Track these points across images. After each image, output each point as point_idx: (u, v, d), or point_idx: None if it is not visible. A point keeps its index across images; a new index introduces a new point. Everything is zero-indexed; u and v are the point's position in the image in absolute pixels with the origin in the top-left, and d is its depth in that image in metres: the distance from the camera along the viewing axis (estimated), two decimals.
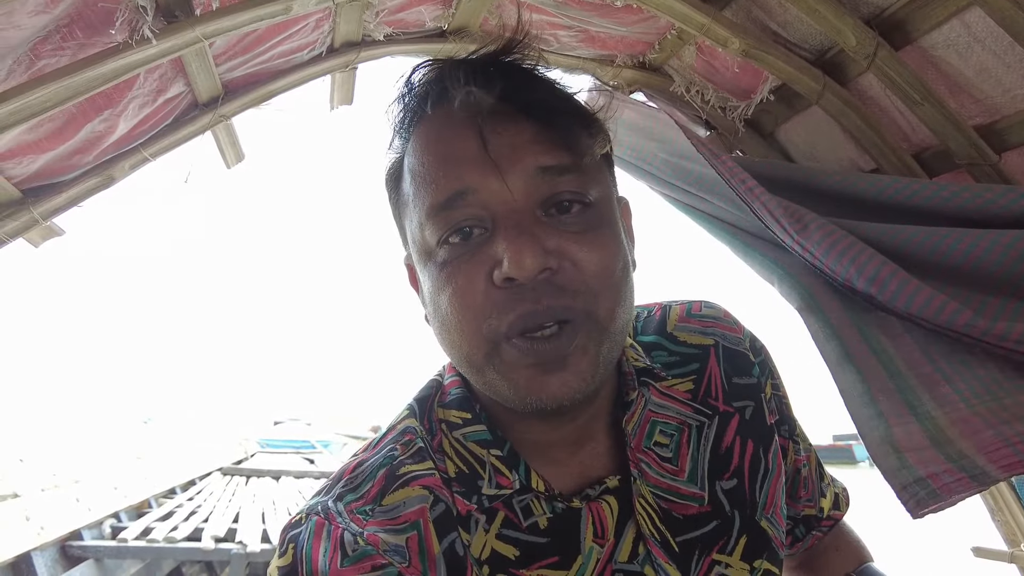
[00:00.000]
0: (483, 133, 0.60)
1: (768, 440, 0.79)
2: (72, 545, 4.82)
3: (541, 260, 0.56)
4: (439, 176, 0.61)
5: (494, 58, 0.64)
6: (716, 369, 0.80)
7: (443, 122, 0.63)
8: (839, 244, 1.11)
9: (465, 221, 0.60)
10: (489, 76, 0.62)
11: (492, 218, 0.59)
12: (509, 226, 0.58)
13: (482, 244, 0.59)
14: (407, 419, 0.74)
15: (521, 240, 0.56)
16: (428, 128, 0.64)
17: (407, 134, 0.67)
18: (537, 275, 0.56)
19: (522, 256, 0.55)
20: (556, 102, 0.64)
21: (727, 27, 1.25)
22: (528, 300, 0.57)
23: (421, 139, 0.65)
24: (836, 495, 0.96)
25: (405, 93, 0.67)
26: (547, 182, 0.60)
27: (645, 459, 0.71)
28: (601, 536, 0.67)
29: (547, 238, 0.58)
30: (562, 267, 0.58)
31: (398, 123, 0.68)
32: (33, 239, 1.19)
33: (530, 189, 0.59)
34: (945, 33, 1.12)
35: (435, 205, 0.60)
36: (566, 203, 0.60)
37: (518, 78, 0.63)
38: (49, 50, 0.94)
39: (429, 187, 0.61)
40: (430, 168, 0.62)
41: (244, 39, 1.14)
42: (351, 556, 0.60)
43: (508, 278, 0.56)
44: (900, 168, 1.32)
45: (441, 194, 0.60)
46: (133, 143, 1.18)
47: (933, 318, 1.03)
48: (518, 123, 0.60)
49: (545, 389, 0.58)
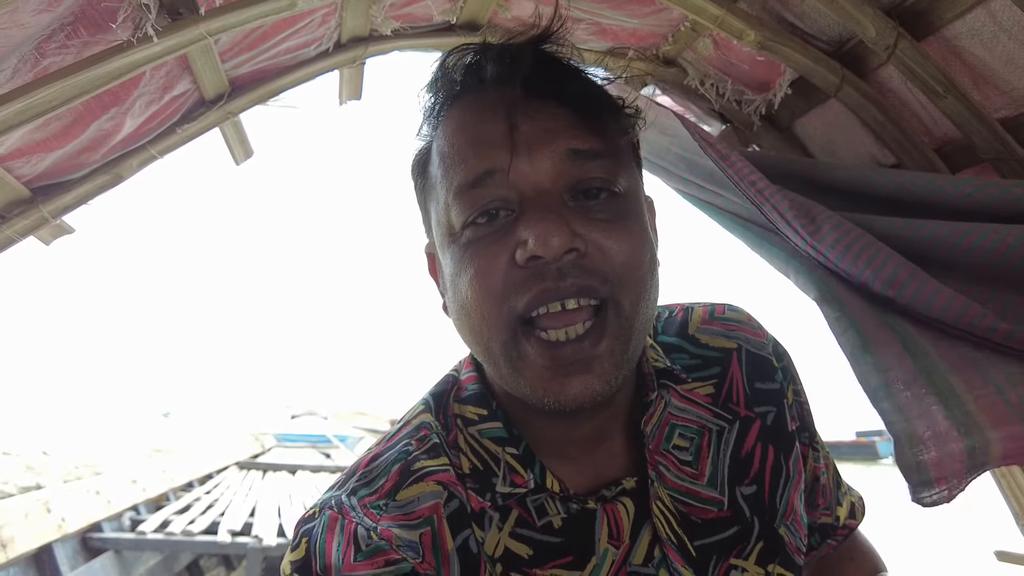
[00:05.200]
0: (515, 116, 0.60)
1: (789, 447, 0.77)
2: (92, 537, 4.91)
3: (568, 239, 0.55)
4: (469, 156, 0.61)
5: (529, 45, 0.64)
6: (738, 373, 0.78)
7: (475, 105, 0.63)
8: (855, 245, 1.07)
9: (492, 202, 0.59)
10: (523, 62, 0.62)
11: (519, 199, 0.59)
12: (536, 207, 0.57)
13: (508, 225, 0.59)
14: (422, 414, 0.73)
15: (549, 219, 0.56)
16: (460, 111, 0.65)
17: (436, 121, 0.67)
18: (563, 255, 0.56)
19: (548, 234, 0.55)
20: (588, 89, 0.64)
21: (742, 19, 1.22)
22: (550, 278, 0.56)
23: (453, 121, 0.65)
24: (852, 504, 0.95)
25: (438, 77, 0.67)
26: (577, 166, 0.59)
27: (664, 462, 0.70)
28: (616, 538, 0.66)
29: (574, 222, 0.57)
30: (589, 252, 0.57)
31: (428, 108, 0.68)
32: (43, 237, 1.20)
33: (560, 171, 0.59)
34: (969, 23, 1.08)
35: (463, 184, 0.60)
36: (595, 190, 0.60)
37: (551, 65, 0.63)
38: (54, 48, 0.94)
39: (458, 167, 0.61)
40: (460, 149, 0.62)
41: (249, 35, 1.13)
42: (364, 551, 0.60)
43: (533, 256, 0.56)
44: (921, 162, 1.28)
45: (470, 173, 0.60)
46: (140, 141, 1.18)
47: (954, 322, 1.00)
48: (551, 108, 0.60)
49: (566, 391, 0.57)
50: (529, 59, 0.62)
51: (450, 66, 0.66)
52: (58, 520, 4.52)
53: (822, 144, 1.48)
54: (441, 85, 0.67)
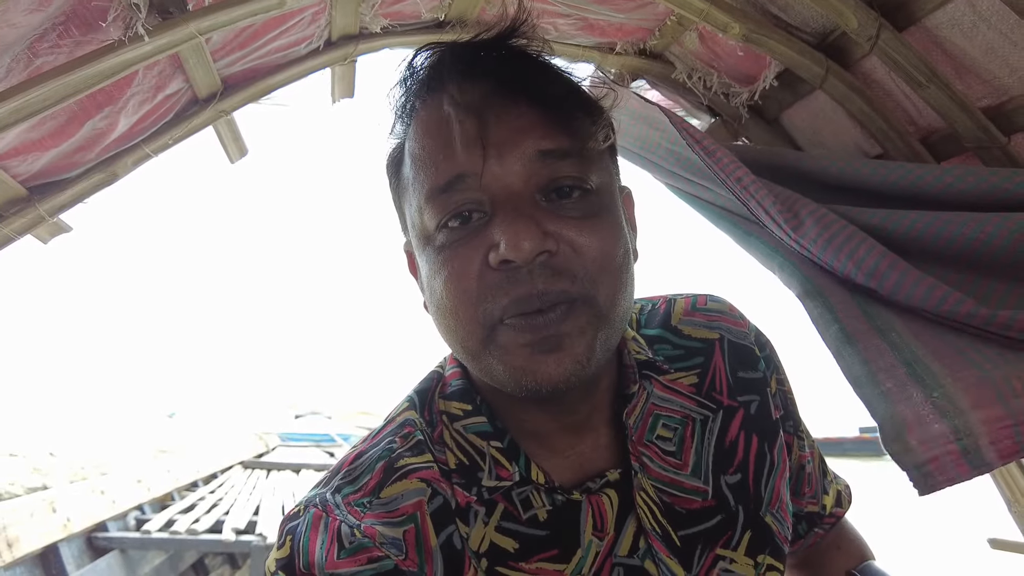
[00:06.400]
0: (483, 117, 0.60)
1: (773, 435, 0.78)
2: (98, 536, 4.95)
3: (539, 242, 0.56)
4: (439, 160, 0.61)
5: (496, 42, 0.64)
6: (721, 363, 0.79)
7: (444, 106, 0.63)
8: (837, 237, 1.09)
9: (464, 205, 0.60)
10: (491, 60, 0.63)
11: (491, 202, 0.59)
12: (508, 209, 0.58)
13: (480, 228, 0.59)
14: (407, 411, 0.74)
15: (519, 222, 0.56)
16: (429, 112, 0.65)
17: (408, 119, 0.68)
18: (535, 257, 0.56)
19: (519, 237, 0.55)
20: (557, 87, 0.64)
21: (726, 11, 1.23)
22: (524, 283, 0.57)
23: (422, 123, 0.65)
24: (839, 492, 0.96)
25: (407, 77, 0.67)
26: (547, 166, 0.59)
27: (647, 452, 0.71)
28: (601, 529, 0.66)
29: (546, 222, 0.58)
30: (561, 250, 0.58)
31: (399, 108, 0.69)
32: (41, 235, 1.22)
33: (530, 173, 0.59)
34: (949, 13, 1.09)
35: (434, 189, 0.61)
36: (566, 188, 0.60)
37: (519, 63, 0.63)
38: (47, 48, 0.95)
39: (429, 171, 0.62)
40: (430, 152, 0.62)
41: (240, 34, 1.14)
42: (347, 548, 0.60)
43: (505, 260, 0.57)
44: (907, 153, 1.29)
45: (441, 178, 0.60)
46: (135, 139, 1.20)
47: (935, 309, 1.01)
48: (519, 107, 0.60)
49: (540, 370, 0.57)
50: (497, 58, 0.63)
51: (418, 65, 0.67)
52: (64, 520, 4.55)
53: (809, 136, 1.49)
54: (410, 84, 0.67)
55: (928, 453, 0.94)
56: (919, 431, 0.94)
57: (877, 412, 1.00)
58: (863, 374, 1.03)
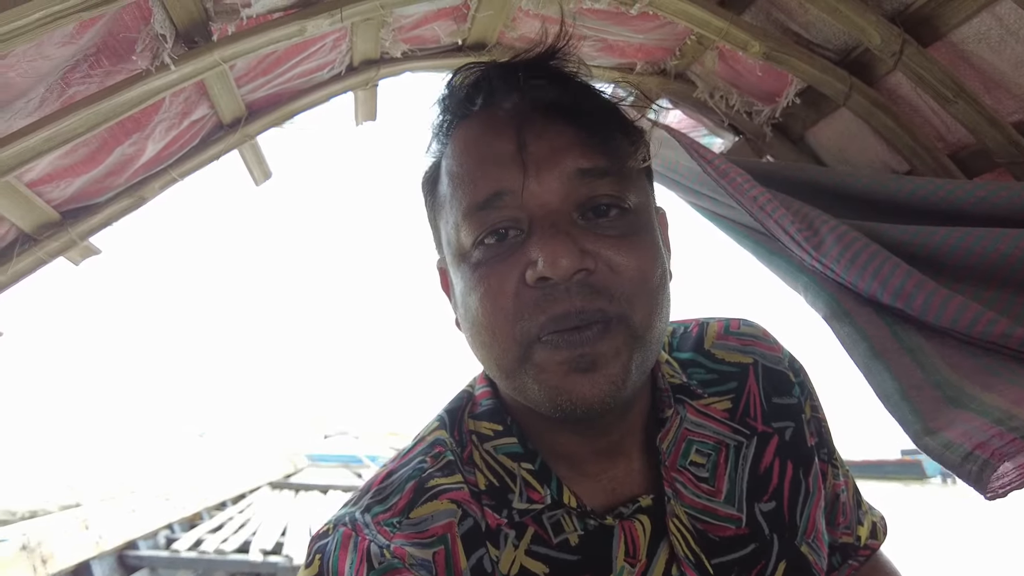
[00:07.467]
0: (522, 135, 0.60)
1: (808, 463, 0.76)
2: (128, 555, 5.03)
3: (577, 260, 0.56)
4: (477, 177, 0.61)
5: (535, 63, 0.64)
6: (755, 388, 0.77)
7: (483, 124, 0.64)
8: (860, 256, 1.05)
9: (501, 222, 0.60)
10: (530, 80, 0.63)
11: (528, 220, 0.59)
12: (545, 227, 0.57)
13: (517, 246, 0.59)
14: (437, 431, 0.73)
15: (557, 240, 0.56)
16: (468, 130, 0.65)
17: (445, 138, 0.68)
18: (572, 275, 0.56)
19: (557, 255, 0.55)
20: (595, 106, 0.64)
21: (746, 30, 1.22)
22: (562, 300, 0.56)
23: (460, 141, 0.65)
24: (874, 523, 0.92)
25: (446, 96, 0.68)
26: (585, 185, 0.59)
27: (680, 478, 0.69)
28: (633, 556, 0.65)
29: (584, 240, 0.58)
30: (598, 269, 0.57)
31: (437, 126, 0.69)
32: (73, 258, 1.25)
33: (567, 191, 0.59)
34: (976, 27, 1.07)
35: (472, 206, 0.61)
36: (604, 207, 0.60)
37: (559, 82, 0.64)
38: (78, 78, 0.99)
39: (467, 188, 0.62)
40: (468, 169, 0.63)
41: (263, 61, 1.17)
42: (377, 569, 0.59)
43: (542, 277, 0.56)
44: (936, 169, 1.26)
45: (479, 195, 0.61)
46: (162, 164, 1.23)
47: (967, 330, 0.97)
48: (557, 126, 0.61)
49: (576, 390, 0.57)
50: (535, 77, 0.63)
51: (457, 84, 0.67)
52: (96, 537, 4.64)
53: (835, 153, 1.46)
54: (449, 103, 0.68)
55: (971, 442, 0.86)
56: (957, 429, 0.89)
57: (910, 428, 0.96)
58: (894, 390, 1.00)
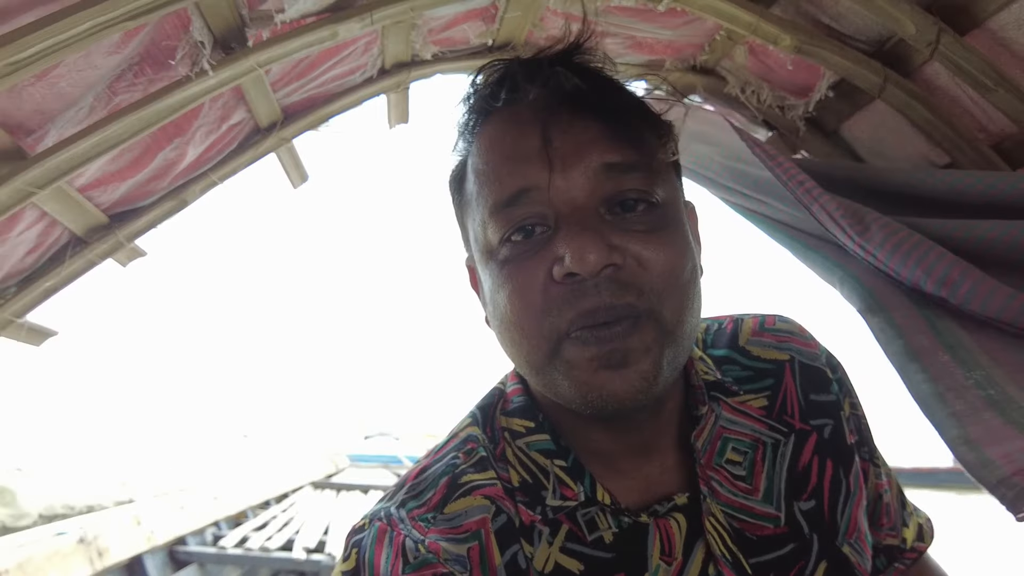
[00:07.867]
0: (547, 131, 0.60)
1: (848, 461, 0.74)
2: (178, 550, 5.18)
3: (605, 255, 0.56)
4: (503, 173, 0.62)
5: (559, 58, 0.65)
6: (792, 385, 0.76)
7: (508, 121, 0.64)
8: (904, 244, 1.03)
9: (528, 219, 0.60)
10: (555, 75, 0.63)
11: (555, 216, 0.59)
12: (572, 223, 0.58)
13: (545, 242, 0.59)
14: (469, 427, 0.74)
15: (584, 235, 0.56)
16: (493, 127, 0.66)
17: (471, 136, 0.69)
18: (600, 271, 0.56)
19: (585, 250, 0.55)
20: (621, 100, 0.65)
21: (776, 24, 1.20)
22: (590, 296, 0.56)
23: (486, 138, 0.66)
24: (920, 525, 0.88)
25: (471, 94, 0.69)
26: (612, 179, 0.59)
27: (716, 476, 0.69)
28: (669, 554, 0.64)
29: (611, 235, 0.58)
30: (627, 264, 0.57)
31: (463, 124, 0.70)
32: (120, 260, 1.30)
33: (594, 186, 0.59)
34: (1015, 12, 1.03)
35: (499, 202, 0.61)
36: (631, 201, 0.60)
37: (583, 77, 0.64)
38: (124, 86, 1.04)
39: (493, 185, 0.62)
40: (494, 166, 0.63)
41: (298, 65, 1.21)
42: (412, 563, 0.60)
43: (570, 273, 0.56)
44: (977, 160, 1.22)
45: (505, 191, 0.61)
46: (202, 168, 1.27)
47: (1013, 321, 0.93)
48: (584, 121, 0.61)
49: (606, 386, 0.57)
50: (559, 72, 0.63)
51: (482, 82, 0.68)
52: (148, 532, 4.81)
53: (871, 147, 1.43)
54: (474, 101, 0.69)
55: (1012, 466, 0.85)
56: (997, 447, 0.86)
57: (947, 434, 0.93)
58: (929, 394, 0.97)
